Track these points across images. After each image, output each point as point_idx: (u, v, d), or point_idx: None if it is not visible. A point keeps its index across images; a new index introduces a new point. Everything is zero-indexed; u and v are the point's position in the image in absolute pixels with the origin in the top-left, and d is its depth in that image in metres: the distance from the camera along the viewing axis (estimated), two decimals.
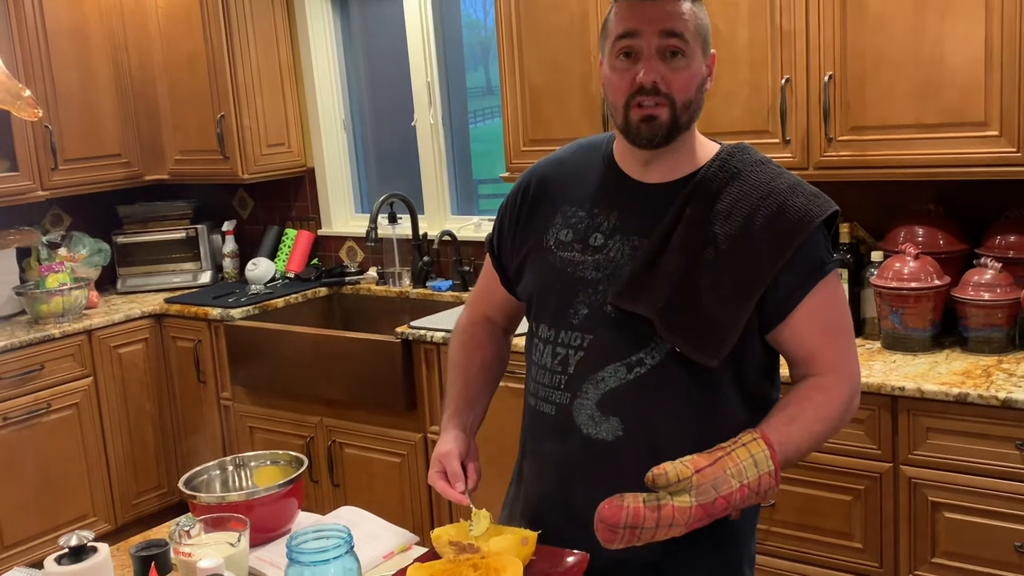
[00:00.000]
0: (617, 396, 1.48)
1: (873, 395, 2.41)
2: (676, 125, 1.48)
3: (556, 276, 1.56)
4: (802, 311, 1.47)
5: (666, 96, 1.45)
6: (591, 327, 1.51)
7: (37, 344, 3.60)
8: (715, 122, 2.81)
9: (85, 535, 1.49)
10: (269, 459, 1.93)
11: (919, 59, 2.48)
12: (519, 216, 1.65)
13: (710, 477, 1.36)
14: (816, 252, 1.48)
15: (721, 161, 1.52)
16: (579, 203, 1.58)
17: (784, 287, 1.46)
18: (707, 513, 1.36)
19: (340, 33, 4.22)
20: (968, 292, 2.55)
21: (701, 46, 1.48)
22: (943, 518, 2.37)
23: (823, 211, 1.49)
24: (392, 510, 3.27)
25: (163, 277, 4.29)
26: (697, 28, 1.47)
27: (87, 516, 3.76)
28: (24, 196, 3.84)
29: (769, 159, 1.57)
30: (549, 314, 1.56)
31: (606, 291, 1.50)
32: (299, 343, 3.52)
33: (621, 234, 1.52)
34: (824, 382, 1.49)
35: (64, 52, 3.92)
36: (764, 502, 1.45)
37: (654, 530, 1.34)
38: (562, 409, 1.53)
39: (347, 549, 1.44)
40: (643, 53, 1.45)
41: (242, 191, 4.50)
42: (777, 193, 1.49)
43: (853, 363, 1.54)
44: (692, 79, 1.47)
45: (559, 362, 1.53)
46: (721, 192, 1.49)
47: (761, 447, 1.40)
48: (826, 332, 1.50)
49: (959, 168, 2.49)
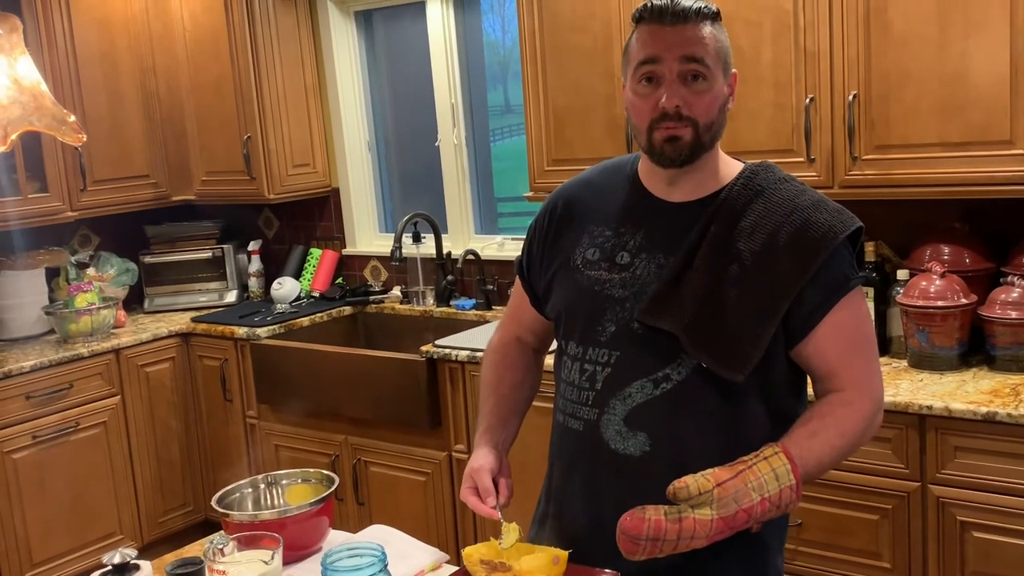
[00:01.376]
0: (644, 411, 1.51)
1: (900, 414, 2.41)
2: (699, 145, 1.51)
3: (583, 294, 1.58)
4: (825, 327, 1.48)
5: (688, 119, 1.48)
6: (618, 344, 1.53)
7: (66, 363, 3.64)
8: (740, 142, 2.82)
9: (128, 552, 1.51)
10: (300, 477, 1.95)
11: (943, 77, 2.49)
12: (547, 236, 1.68)
13: (731, 491, 1.38)
14: (840, 268, 1.50)
15: (745, 179, 1.55)
16: (605, 222, 1.61)
17: (808, 303, 1.47)
18: (728, 526, 1.38)
19: (364, 55, 4.27)
20: (995, 310, 2.55)
21: (722, 67, 1.51)
22: (972, 537, 2.36)
23: (847, 227, 1.51)
24: (417, 528, 3.27)
25: (190, 296, 4.33)
26: (718, 51, 1.50)
27: (114, 534, 3.79)
28: (54, 217, 3.90)
29: (793, 177, 1.59)
30: (577, 332, 1.59)
31: (632, 308, 1.52)
32: (324, 362, 3.55)
33: (647, 252, 1.55)
34: (847, 397, 1.50)
35: (94, 77, 3.99)
36: (787, 513, 1.45)
37: (675, 542, 1.36)
38: (590, 425, 1.55)
39: (381, 567, 1.46)
40: (665, 78, 1.48)
41: (268, 211, 4.54)
42: (801, 210, 1.51)
43: (876, 379, 1.55)
44: (714, 101, 1.50)
45: (587, 378, 1.55)
46: (745, 210, 1.52)
47: (783, 461, 1.42)
48: (849, 348, 1.51)
49: (984, 186, 2.49)
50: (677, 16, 1.48)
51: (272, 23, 4.01)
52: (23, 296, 3.94)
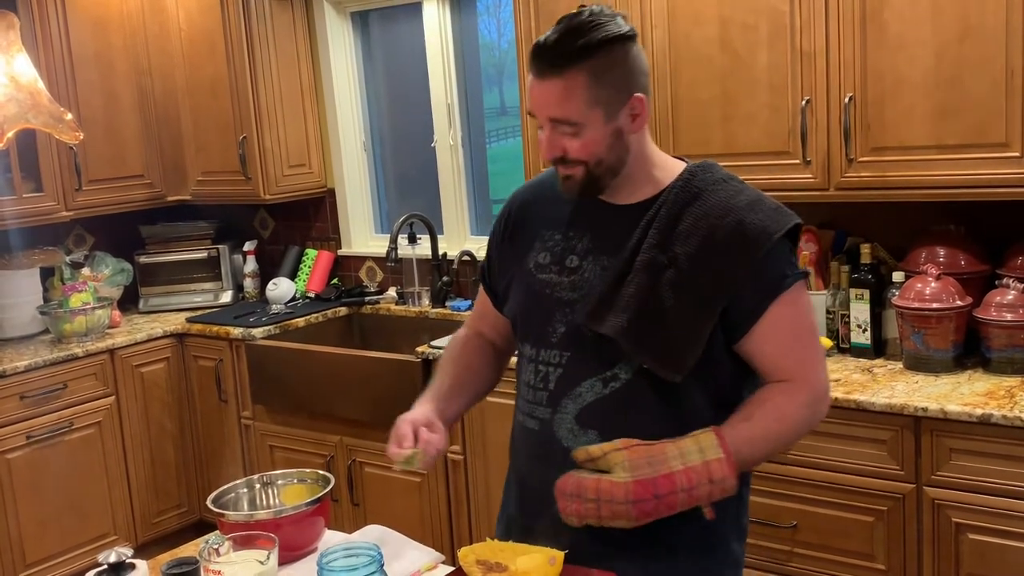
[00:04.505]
0: (594, 410, 1.56)
1: (896, 416, 2.41)
2: (593, 180, 1.56)
3: (536, 297, 1.64)
4: (764, 325, 1.52)
5: (574, 161, 1.54)
6: (568, 345, 1.59)
7: (60, 363, 3.63)
8: (736, 144, 2.83)
9: (124, 552, 1.50)
10: (296, 477, 1.95)
11: (939, 80, 2.50)
12: (503, 241, 1.75)
13: (643, 454, 1.44)
14: (776, 266, 1.53)
15: (683, 182, 1.58)
16: (556, 226, 1.66)
17: (745, 302, 1.52)
18: (650, 492, 1.42)
19: (360, 56, 4.27)
20: (990, 313, 2.55)
21: (603, 111, 1.51)
22: (967, 539, 2.36)
23: (781, 226, 1.54)
24: (412, 529, 3.27)
25: (185, 297, 4.32)
26: (591, 100, 1.50)
27: (108, 534, 3.78)
28: (49, 216, 3.89)
29: (733, 176, 1.62)
30: (531, 334, 1.65)
31: (580, 311, 1.57)
32: (319, 362, 3.54)
33: (594, 255, 1.60)
34: (784, 386, 1.55)
35: (89, 77, 3.98)
36: (721, 496, 1.47)
37: (597, 503, 1.43)
38: (544, 424, 1.60)
39: (377, 567, 1.45)
40: (544, 129, 1.55)
41: (263, 211, 4.54)
42: (736, 211, 1.54)
43: (817, 370, 1.58)
44: (591, 144, 1.52)
45: (540, 379, 1.61)
46: (683, 213, 1.55)
47: (709, 436, 1.47)
48: (788, 343, 1.55)
49: (980, 189, 2.50)
50: (545, 70, 1.50)
51: (268, 23, 4.01)
52: (17, 296, 3.93)
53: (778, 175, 2.77)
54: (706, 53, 2.83)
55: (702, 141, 2.89)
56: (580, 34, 1.49)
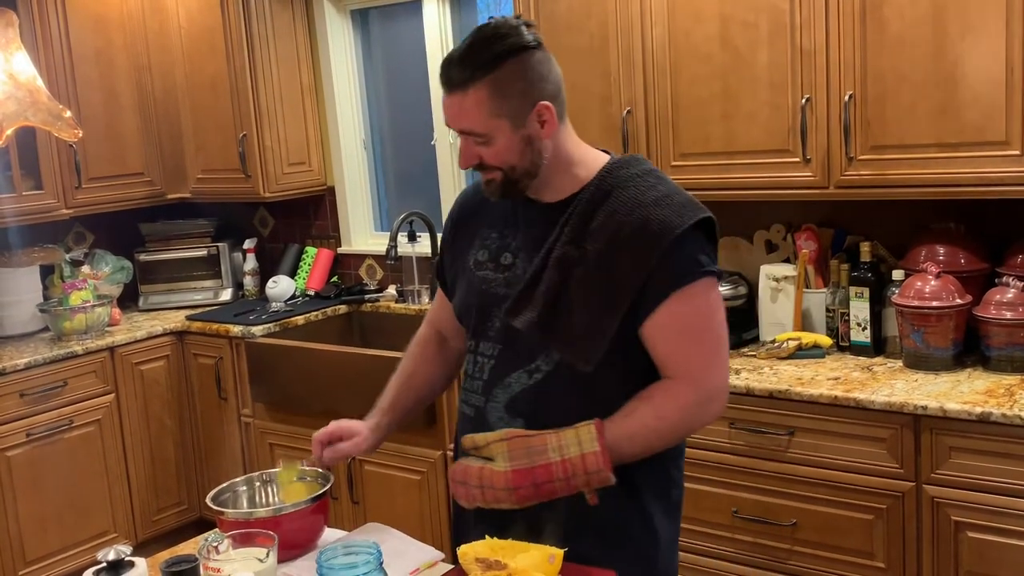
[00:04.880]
0: (520, 399, 1.66)
1: (895, 414, 2.41)
2: (512, 183, 1.63)
3: (476, 293, 1.73)
4: (659, 317, 1.57)
5: (490, 167, 1.62)
6: (501, 338, 1.69)
7: (60, 361, 3.63)
8: (736, 142, 2.83)
9: (123, 549, 1.51)
10: (296, 475, 1.95)
11: (939, 78, 2.49)
12: (450, 241, 1.84)
13: (523, 446, 1.55)
14: (680, 261, 1.57)
15: (599, 179, 1.64)
16: (494, 225, 1.74)
17: (648, 294, 1.57)
18: (528, 480, 1.53)
19: (360, 53, 4.27)
20: (990, 311, 2.55)
21: (508, 122, 1.58)
22: (966, 538, 2.36)
23: (685, 221, 1.58)
24: (412, 527, 3.27)
25: (184, 295, 4.32)
26: (494, 112, 1.57)
27: (108, 532, 3.78)
28: (48, 214, 3.89)
29: (652, 171, 1.67)
30: (472, 327, 1.75)
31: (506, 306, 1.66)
32: (319, 360, 3.54)
33: (524, 252, 1.68)
34: (668, 384, 1.60)
35: (89, 74, 3.98)
36: (599, 485, 1.55)
37: (481, 488, 1.55)
38: (479, 411, 1.71)
39: (376, 565, 1.46)
40: (460, 140, 1.63)
41: (263, 209, 4.54)
42: (642, 207, 1.59)
43: (710, 370, 1.61)
44: (503, 152, 1.59)
45: (477, 370, 1.73)
46: (596, 210, 1.61)
47: (589, 428, 1.55)
48: (681, 339, 1.59)
49: (980, 187, 2.49)
50: (450, 85, 1.58)
51: (268, 21, 4.01)
52: (17, 293, 3.93)
53: (778, 173, 2.77)
54: (706, 51, 2.83)
55: (702, 139, 2.89)
56: (482, 49, 1.56)
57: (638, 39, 2.95)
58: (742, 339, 3.02)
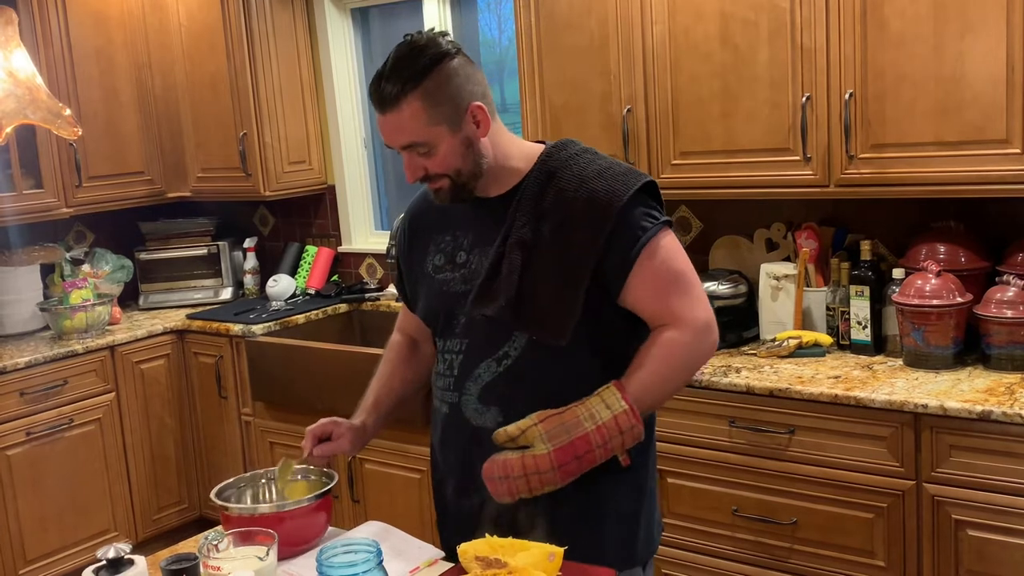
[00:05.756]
0: (492, 388, 1.71)
1: (895, 412, 2.41)
2: (460, 187, 1.70)
3: (436, 296, 1.80)
4: (634, 279, 1.65)
5: (436, 175, 1.68)
6: (467, 333, 1.74)
7: (60, 360, 3.63)
8: (736, 140, 2.83)
9: (123, 547, 1.51)
10: (299, 473, 1.95)
11: (939, 77, 2.49)
12: (404, 252, 1.91)
13: (557, 423, 1.58)
14: (632, 223, 1.65)
15: (540, 163, 1.73)
16: (445, 230, 1.81)
17: (613, 261, 1.64)
18: (571, 455, 1.56)
19: (361, 52, 4.26)
20: (990, 309, 2.55)
21: (447, 126, 1.65)
22: (967, 536, 2.36)
23: (629, 187, 1.66)
24: (412, 525, 3.25)
25: (185, 293, 4.32)
26: (430, 120, 1.63)
27: (108, 531, 3.78)
28: (49, 213, 3.89)
29: (588, 149, 1.76)
30: (438, 329, 1.82)
31: (469, 299, 1.71)
32: (319, 359, 3.54)
33: (479, 247, 1.74)
34: (662, 332, 1.67)
35: (89, 73, 3.98)
36: (632, 443, 1.61)
37: (525, 478, 1.56)
38: (454, 407, 1.76)
39: (376, 563, 1.46)
40: (402, 156, 1.69)
41: (263, 208, 4.54)
42: (587, 181, 1.68)
43: (691, 307, 1.68)
44: (446, 158, 1.66)
45: (447, 367, 1.77)
46: (543, 193, 1.69)
47: (611, 391, 1.61)
48: (661, 291, 1.67)
49: (980, 185, 2.49)
50: (382, 105, 1.64)
51: (268, 19, 4.01)
52: (18, 292, 3.93)
53: (778, 171, 2.77)
54: (706, 49, 2.83)
55: (702, 137, 2.88)
56: (407, 64, 1.62)
57: (638, 37, 2.94)
58: (742, 338, 3.02)
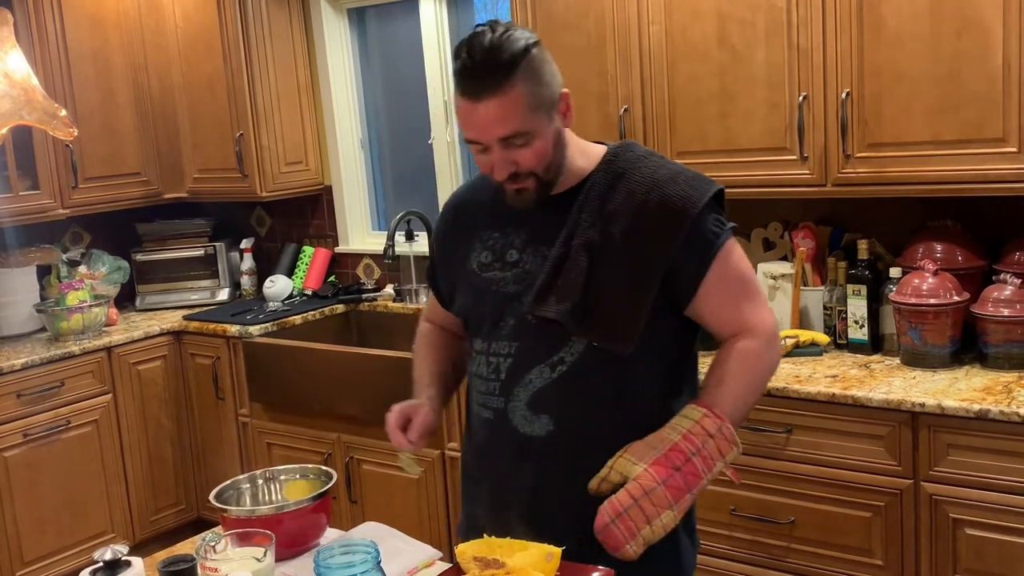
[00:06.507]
0: (544, 395, 1.63)
1: (893, 411, 2.41)
2: (545, 186, 1.62)
3: (482, 295, 1.70)
4: (705, 287, 1.60)
5: (526, 174, 1.58)
6: (517, 336, 1.65)
7: (57, 361, 3.63)
8: (733, 140, 2.83)
9: (119, 549, 1.50)
10: (298, 473, 1.95)
11: (936, 76, 2.49)
12: (444, 246, 1.83)
13: (641, 445, 1.51)
14: (705, 231, 1.60)
15: (606, 164, 1.66)
16: (492, 225, 1.72)
17: (684, 269, 1.59)
18: (670, 466, 1.48)
19: (357, 53, 4.26)
20: (988, 308, 2.55)
21: (545, 114, 1.57)
22: (964, 535, 2.36)
23: (703, 194, 1.61)
24: (410, 526, 3.26)
25: (181, 294, 4.32)
26: (533, 105, 1.54)
27: (105, 533, 3.78)
28: (45, 214, 3.88)
29: (653, 152, 1.70)
30: (482, 329, 1.71)
31: (525, 302, 1.64)
32: (317, 360, 3.54)
33: (532, 247, 1.67)
34: (739, 342, 1.63)
35: (85, 74, 3.97)
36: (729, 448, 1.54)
37: (637, 505, 1.46)
38: (499, 413, 1.67)
39: (374, 564, 1.45)
40: (491, 150, 1.57)
41: (260, 209, 4.53)
42: (659, 185, 1.61)
43: (762, 314, 1.66)
44: (542, 150, 1.58)
45: (492, 370, 1.68)
46: (610, 193, 1.63)
47: (689, 407, 1.56)
48: (731, 299, 1.63)
49: (977, 184, 2.49)
50: (479, 92, 1.52)
51: (265, 20, 4.00)
52: (14, 294, 3.93)
53: (775, 171, 2.77)
54: (703, 49, 2.83)
55: (699, 137, 2.88)
56: (501, 49, 1.52)
57: (635, 37, 2.94)
58: None
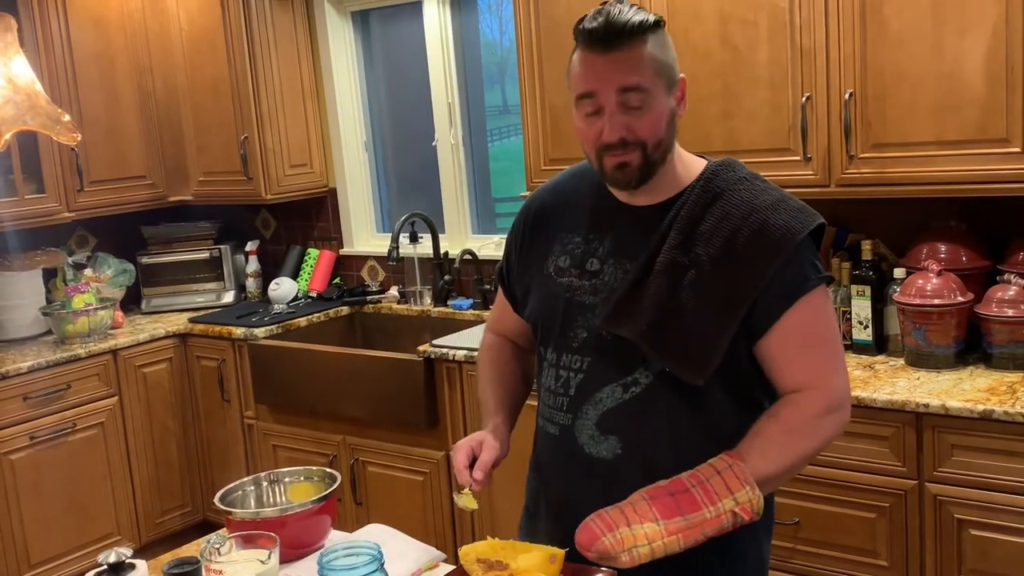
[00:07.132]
0: (614, 415, 1.54)
1: (897, 412, 2.41)
2: (649, 165, 1.51)
3: (556, 301, 1.61)
4: (780, 327, 1.49)
5: (635, 143, 1.49)
6: (589, 350, 1.56)
7: (63, 364, 3.64)
8: (736, 141, 2.83)
9: (124, 552, 1.51)
10: (303, 475, 1.95)
11: (939, 76, 2.49)
12: (522, 244, 1.72)
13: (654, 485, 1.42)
14: (799, 269, 1.50)
15: (705, 181, 1.56)
16: (575, 229, 1.63)
17: (765, 304, 1.48)
18: (664, 491, 1.40)
19: (361, 55, 4.27)
20: (992, 308, 2.55)
21: (665, 83, 1.50)
22: (969, 535, 2.36)
23: (805, 227, 1.51)
24: (415, 528, 3.27)
25: (187, 297, 4.33)
26: (657, 68, 1.48)
27: (112, 535, 3.79)
28: (51, 217, 3.90)
29: (756, 175, 1.59)
30: (552, 338, 1.62)
31: (600, 314, 1.55)
32: (322, 362, 3.54)
33: (615, 258, 1.57)
34: (794, 398, 1.51)
35: (90, 77, 3.99)
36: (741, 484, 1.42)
37: (618, 509, 1.39)
38: (565, 429, 1.59)
39: (377, 566, 1.46)
40: (605, 109, 1.48)
41: (265, 211, 4.54)
42: (759, 211, 1.51)
43: (832, 377, 1.53)
44: (658, 119, 1.49)
45: (561, 384, 1.59)
46: (704, 213, 1.52)
47: (719, 458, 1.45)
48: (803, 348, 1.51)
49: (981, 184, 2.49)
50: (611, 40, 1.46)
51: (269, 23, 4.01)
52: (20, 297, 3.94)
53: (779, 172, 2.77)
54: (706, 49, 2.83)
55: (702, 138, 2.88)
56: (635, 14, 1.48)
57: None
58: None
